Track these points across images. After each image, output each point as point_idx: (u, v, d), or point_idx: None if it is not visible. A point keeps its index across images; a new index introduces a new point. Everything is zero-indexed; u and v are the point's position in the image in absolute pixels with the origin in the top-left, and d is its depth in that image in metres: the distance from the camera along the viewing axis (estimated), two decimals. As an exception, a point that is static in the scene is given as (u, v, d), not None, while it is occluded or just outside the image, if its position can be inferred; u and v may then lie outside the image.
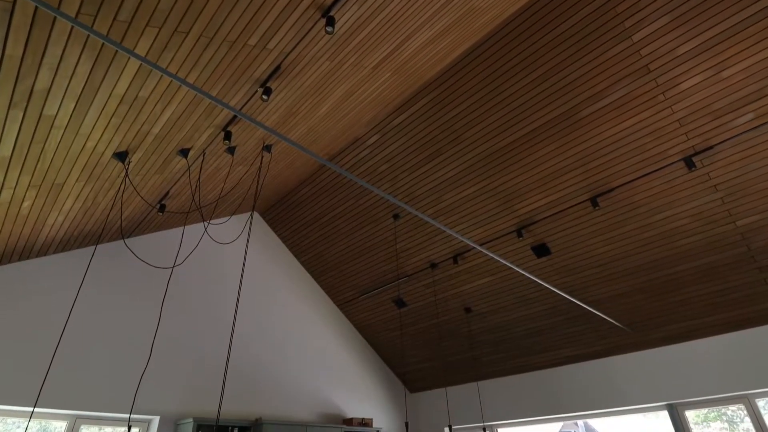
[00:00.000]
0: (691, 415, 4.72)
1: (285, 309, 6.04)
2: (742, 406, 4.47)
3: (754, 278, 4.14)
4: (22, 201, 3.24)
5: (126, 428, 4.36)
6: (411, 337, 6.43)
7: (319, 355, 6.15)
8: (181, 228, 5.30)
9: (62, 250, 4.29)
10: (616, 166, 4.13)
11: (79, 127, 2.75)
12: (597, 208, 4.23)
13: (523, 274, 4.90)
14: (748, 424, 4.69)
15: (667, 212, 4.13)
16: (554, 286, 3.93)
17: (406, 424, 3.95)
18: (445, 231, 5.11)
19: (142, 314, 4.61)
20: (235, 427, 4.65)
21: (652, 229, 4.23)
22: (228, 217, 5.78)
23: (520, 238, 4.69)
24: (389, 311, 6.32)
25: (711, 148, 3.81)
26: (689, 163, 3.85)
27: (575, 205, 4.42)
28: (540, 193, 4.50)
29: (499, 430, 6.23)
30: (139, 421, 4.44)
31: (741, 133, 3.68)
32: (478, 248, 3.03)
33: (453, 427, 6.49)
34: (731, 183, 3.88)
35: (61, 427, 4.05)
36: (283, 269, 6.29)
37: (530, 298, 5.17)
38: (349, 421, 5.78)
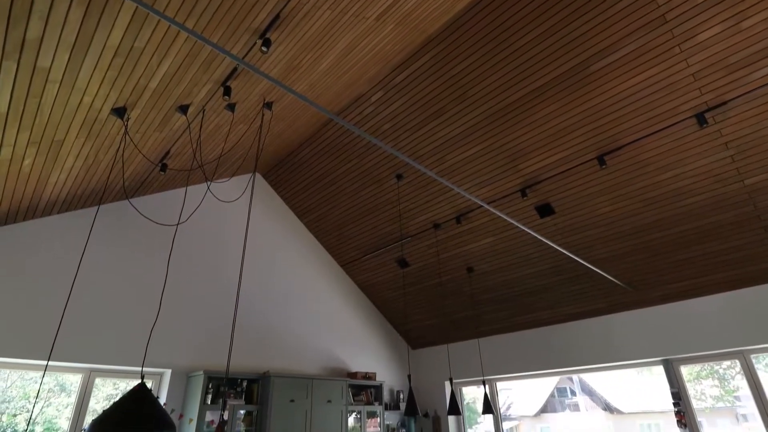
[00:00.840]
0: (685, 371, 4.86)
1: (289, 268, 6.13)
2: (736, 362, 4.59)
3: (759, 237, 4.14)
4: (23, 159, 3.21)
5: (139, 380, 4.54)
6: (413, 297, 6.55)
7: (323, 313, 6.30)
8: (184, 188, 5.28)
9: (67, 210, 4.30)
10: (626, 123, 4.04)
11: (75, 81, 2.68)
12: (604, 166, 4.17)
13: (526, 235, 4.92)
14: (738, 381, 4.83)
15: (675, 171, 4.07)
16: (557, 246, 3.95)
17: (409, 377, 4.09)
18: (448, 192, 5.08)
19: (149, 272, 4.69)
20: (245, 379, 4.83)
21: (658, 188, 4.19)
22: (230, 178, 5.75)
23: (524, 198, 4.67)
24: (392, 271, 6.40)
25: (724, 104, 3.70)
26: (701, 119, 3.75)
27: (582, 164, 4.35)
28: (546, 151, 4.43)
29: (497, 383, 6.47)
30: (151, 374, 4.61)
31: (756, 89, 3.56)
32: (483, 205, 3.01)
33: (453, 381, 6.74)
34: (743, 140, 3.79)
35: (76, 381, 4.21)
36: (287, 230, 6.32)
37: (532, 257, 5.21)
38: (353, 375, 5.99)
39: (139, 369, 4.40)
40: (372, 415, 5.91)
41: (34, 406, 3.43)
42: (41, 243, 4.09)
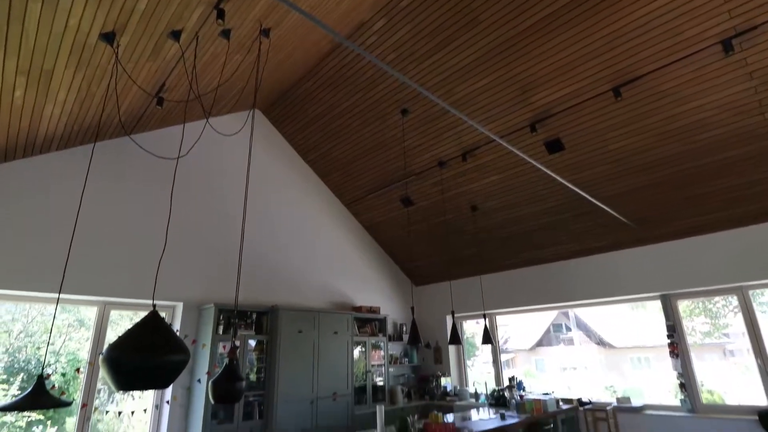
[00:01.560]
0: (681, 306, 4.99)
1: (294, 207, 6.14)
2: (730, 299, 4.69)
3: (771, 173, 4.04)
4: (14, 89, 3.09)
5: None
6: (417, 235, 6.61)
7: (329, 251, 6.40)
8: (182, 124, 5.15)
9: (65, 147, 4.23)
10: (645, 51, 3.79)
11: (58, 1, 2.49)
12: (619, 98, 3.99)
13: (532, 172, 4.84)
14: (730, 319, 4.98)
15: (694, 102, 3.89)
16: (565, 181, 3.88)
17: (412, 308, 4.22)
18: (454, 128, 4.93)
19: (157, 207, 4.70)
20: (254, 312, 5.01)
21: (675, 121, 4.03)
22: (229, 113, 5.58)
23: (534, 133, 4.53)
24: (396, 210, 6.41)
25: (754, 28, 3.44)
26: (727, 46, 3.52)
27: (595, 96, 4.16)
28: (558, 83, 4.22)
29: (497, 318, 6.71)
30: (164, 307, 4.79)
31: (792, 10, 3.29)
32: (490, 135, 2.92)
33: (456, 315, 6.99)
34: (768, 69, 3.58)
35: (92, 313, 4.38)
36: (290, 169, 6.25)
37: (538, 195, 5.17)
38: (358, 309, 6.21)
39: (151, 301, 4.55)
40: (376, 346, 6.20)
41: (51, 332, 3.57)
42: (43, 179, 4.07)
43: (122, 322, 4.71)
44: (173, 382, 2.16)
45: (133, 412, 4.40)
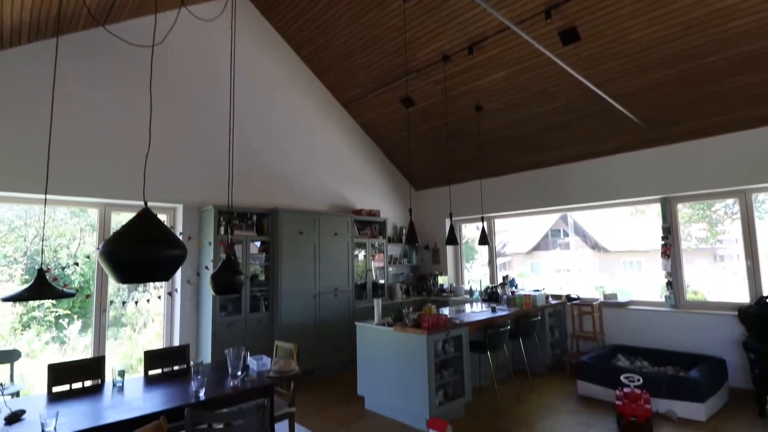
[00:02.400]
0: (681, 208, 4.97)
1: (291, 108, 5.87)
2: (732, 203, 4.64)
3: (802, 66, 3.71)
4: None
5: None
6: (418, 138, 6.41)
7: (328, 154, 6.28)
8: (155, 4, 4.69)
9: (37, 39, 3.90)
10: None
11: None
12: (647, -23, 3.50)
13: (542, 68, 4.49)
14: (727, 225, 4.98)
15: (732, -19, 3.42)
16: (578, 75, 3.59)
17: (410, 210, 4.23)
18: (459, 16, 4.45)
19: (154, 106, 4.50)
20: (254, 213, 5.07)
21: (701, 7, 3.58)
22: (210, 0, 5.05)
23: (548, 21, 4.09)
24: (396, 111, 6.12)
25: None
26: None
27: (621, -25, 3.66)
28: (581, -41, 3.68)
29: (496, 221, 6.80)
30: (165, 209, 4.84)
31: None
32: (503, 20, 2.61)
33: (454, 218, 7.09)
34: (829, -63, 3.06)
35: (94, 214, 4.44)
36: (285, 66, 5.84)
37: (547, 93, 4.86)
38: (358, 212, 6.28)
39: (154, 203, 4.59)
40: (376, 247, 6.39)
41: (44, 226, 3.64)
42: (16, 74, 3.82)
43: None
44: (173, 276, 2.22)
45: (148, 300, 4.71)
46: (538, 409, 4.01)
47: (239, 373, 2.87)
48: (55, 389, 2.67)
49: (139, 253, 2.08)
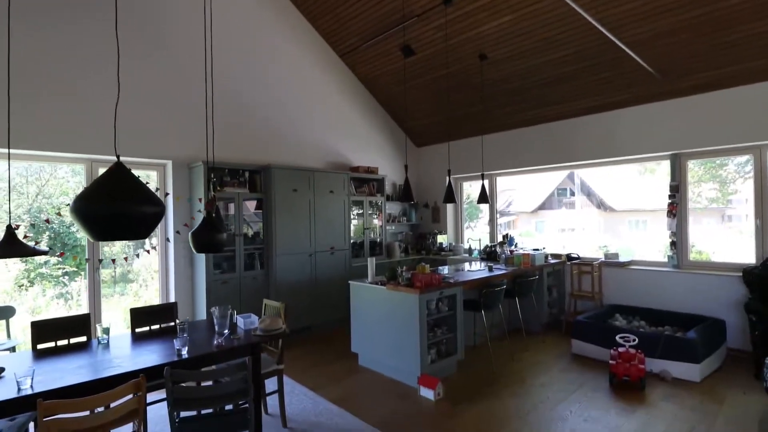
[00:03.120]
0: (691, 165, 4.73)
1: (285, 58, 5.55)
2: (747, 159, 4.39)
3: (840, 7, 3.34)
4: None
5: (143, 171, 4.65)
6: (418, 91, 6.09)
7: (323, 108, 6.01)
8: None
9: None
10: None
11: None
12: None
13: (551, 11, 4.13)
14: (739, 185, 4.74)
15: None
16: (591, 18, 3.27)
17: (405, 167, 4.05)
18: (463, -50, 4.04)
19: (142, 59, 4.25)
20: (246, 170, 4.92)
21: (737, -66, 3.19)
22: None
23: (558, -44, 3.69)
24: (395, 62, 5.78)
25: None
26: None
27: None
28: None
29: (498, 179, 6.60)
30: (154, 165, 4.69)
31: None
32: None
33: (456, 176, 6.89)
34: None
35: (81, 169, 4.31)
36: (274, 11, 5.46)
37: (555, 40, 4.51)
38: (355, 169, 6.11)
39: (138, 159, 4.44)
40: (374, 205, 6.26)
41: (9, 184, 3.49)
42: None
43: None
44: (150, 233, 2.11)
45: (138, 255, 4.70)
46: (531, 367, 4.02)
47: (226, 331, 2.84)
48: (41, 346, 2.65)
49: (111, 210, 1.97)
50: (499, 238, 6.32)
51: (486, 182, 6.42)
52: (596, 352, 4.15)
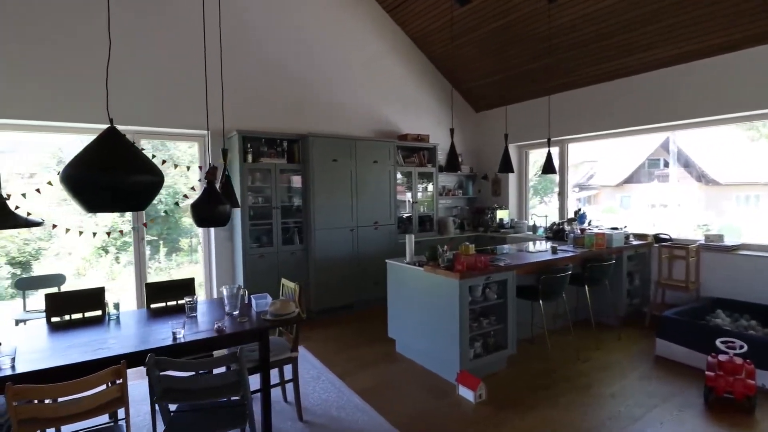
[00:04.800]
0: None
1: (324, 18, 5.12)
2: None
3: None
4: None
5: (186, 143, 4.57)
6: (475, 46, 5.33)
7: (369, 71, 5.52)
8: None
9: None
10: None
11: None
12: None
13: None
14: None
15: None
16: None
17: (451, 131, 3.48)
18: None
19: (180, 32, 4.10)
20: (284, 140, 4.65)
21: None
22: None
23: None
24: (449, 14, 5.07)
25: None
26: None
27: None
28: None
29: (569, 145, 5.68)
30: (195, 136, 4.59)
31: None
32: None
33: (519, 143, 6.09)
34: None
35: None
36: (314, -35, 5.01)
37: (647, -36, 3.54)
38: (403, 137, 5.59)
39: (182, 130, 4.34)
40: (425, 176, 5.73)
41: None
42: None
43: (160, 153, 4.70)
44: (148, 205, 1.86)
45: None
46: (600, 370, 3.34)
47: (235, 312, 2.59)
48: (55, 319, 2.61)
49: (101, 179, 1.72)
50: (571, 215, 5.48)
51: (556, 150, 5.57)
52: (688, 356, 3.35)
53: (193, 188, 4.49)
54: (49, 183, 3.80)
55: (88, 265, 5.03)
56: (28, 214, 3.59)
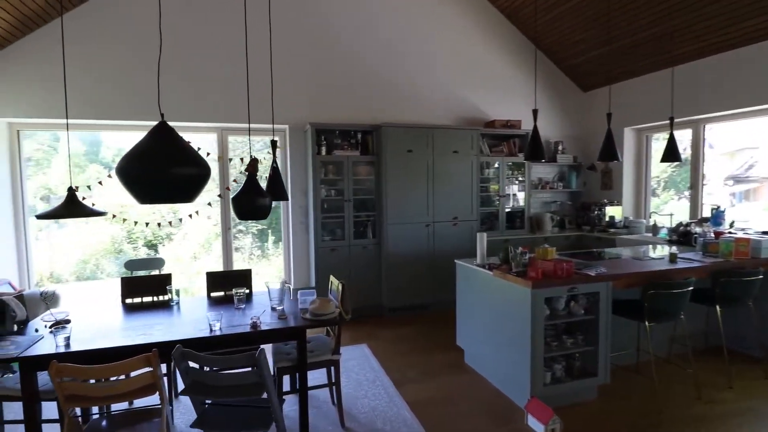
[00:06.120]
0: None
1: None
2: None
3: None
4: None
5: (269, 137, 4.74)
6: (577, 15, 4.54)
7: (449, 52, 5.09)
8: None
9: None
10: None
11: None
12: None
13: None
14: None
15: None
16: None
17: (534, 112, 2.96)
18: None
19: (255, 31, 4.29)
20: (358, 131, 4.53)
21: None
22: None
23: None
24: (545, -23, 4.39)
25: None
26: None
27: None
28: None
29: (706, 126, 4.53)
30: (277, 131, 4.73)
31: None
32: None
33: (639, 126, 5.08)
34: None
35: (213, 138, 4.63)
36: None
37: None
38: (490, 124, 5.06)
39: (265, 126, 4.49)
40: (516, 167, 5.12)
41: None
42: (131, 10, 4.00)
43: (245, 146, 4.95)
44: (195, 197, 1.88)
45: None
46: (729, 416, 2.54)
47: (279, 308, 2.52)
48: (128, 301, 2.84)
49: (148, 171, 1.76)
50: (708, 213, 4.39)
51: (686, 132, 4.53)
52: None
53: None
54: (109, 176, 4.17)
55: (202, 249, 5.59)
56: (93, 204, 4.06)
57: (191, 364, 1.95)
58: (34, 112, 3.81)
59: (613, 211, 5.27)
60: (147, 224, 4.79)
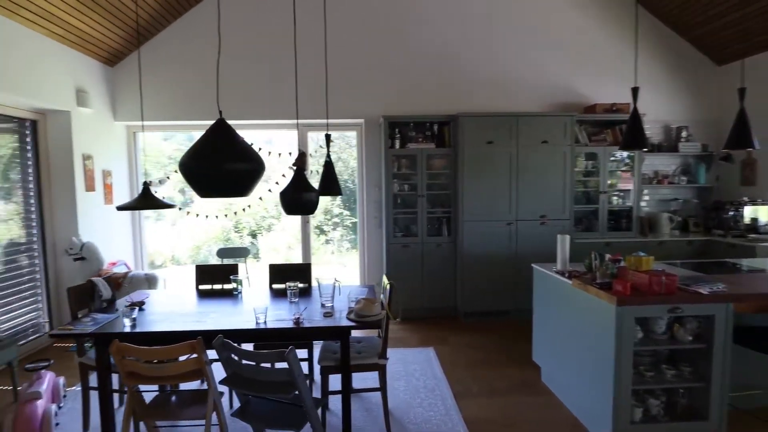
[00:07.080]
0: None
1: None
2: None
3: None
4: None
5: (348, 132, 4.76)
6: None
7: (539, 29, 4.52)
8: None
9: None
10: None
11: None
12: None
13: None
14: None
15: None
16: None
17: (633, 90, 2.43)
18: None
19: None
20: (434, 122, 4.30)
21: None
22: None
23: None
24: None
25: None
26: None
27: None
28: None
29: None
30: (353, 125, 4.73)
31: None
32: None
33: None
34: None
35: (294, 134, 4.80)
36: None
37: None
38: (591, 109, 4.40)
39: (343, 120, 4.53)
40: (620, 159, 4.38)
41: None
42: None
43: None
44: (250, 191, 1.93)
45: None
46: None
47: (330, 305, 2.46)
48: (202, 287, 3.04)
49: (205, 166, 1.87)
50: None
51: None
52: None
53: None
54: (175, 171, 4.45)
55: (295, 241, 5.92)
56: (163, 197, 4.39)
57: (233, 355, 1.98)
58: (148, 116, 4.34)
59: (756, 212, 4.21)
60: (244, 210, 5.13)
